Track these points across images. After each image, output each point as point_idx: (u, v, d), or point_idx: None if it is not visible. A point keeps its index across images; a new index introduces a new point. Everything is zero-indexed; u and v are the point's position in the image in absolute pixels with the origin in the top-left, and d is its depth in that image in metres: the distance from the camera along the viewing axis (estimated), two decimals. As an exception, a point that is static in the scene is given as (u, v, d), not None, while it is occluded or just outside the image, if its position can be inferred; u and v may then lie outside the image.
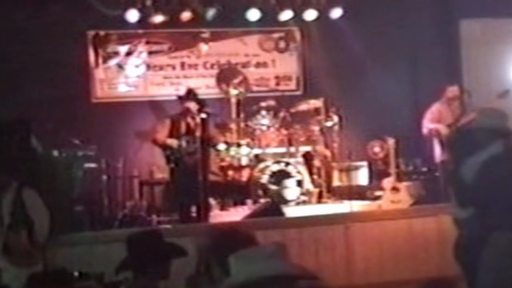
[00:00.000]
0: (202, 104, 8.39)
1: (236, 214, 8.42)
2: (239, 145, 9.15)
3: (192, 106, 8.32)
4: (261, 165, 9.02)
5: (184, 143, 8.22)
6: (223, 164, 9.23)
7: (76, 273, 4.09)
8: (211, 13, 9.90)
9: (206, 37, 10.54)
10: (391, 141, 9.00)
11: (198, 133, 8.12)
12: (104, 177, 8.81)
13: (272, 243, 2.83)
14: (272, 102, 9.47)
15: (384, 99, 10.07)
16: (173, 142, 8.27)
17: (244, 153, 9.16)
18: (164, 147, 8.40)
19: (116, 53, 10.32)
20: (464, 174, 4.67)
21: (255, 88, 10.32)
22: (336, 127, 9.49)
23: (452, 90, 8.91)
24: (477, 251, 4.61)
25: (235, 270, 2.72)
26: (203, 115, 8.21)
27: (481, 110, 5.39)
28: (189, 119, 8.31)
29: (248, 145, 9.21)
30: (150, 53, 10.43)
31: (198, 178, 7.95)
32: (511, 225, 4.56)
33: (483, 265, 4.60)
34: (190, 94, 8.57)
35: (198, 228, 7.21)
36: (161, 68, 10.48)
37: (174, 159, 8.27)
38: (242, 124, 9.35)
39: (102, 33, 10.24)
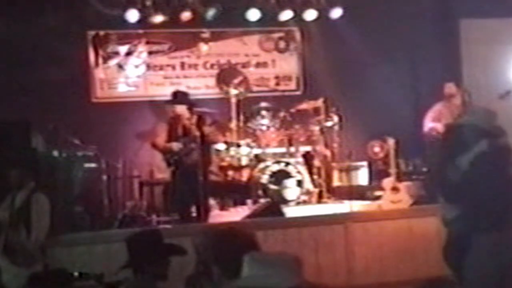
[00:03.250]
0: (192, 103, 8.31)
1: (236, 214, 8.42)
2: (239, 145, 9.15)
3: (179, 110, 8.21)
4: (261, 165, 9.02)
5: (181, 145, 8.18)
6: (223, 164, 9.23)
7: (76, 273, 4.09)
8: (211, 13, 9.90)
9: (206, 37, 10.54)
10: (391, 141, 9.00)
11: (194, 133, 8.05)
12: (104, 177, 8.80)
13: (289, 253, 2.81)
14: (271, 103, 9.49)
15: (384, 99, 10.07)
16: (172, 145, 8.22)
17: (244, 153, 9.16)
18: (164, 151, 8.37)
19: (116, 53, 10.32)
20: (452, 172, 4.69)
21: (255, 88, 10.32)
22: (336, 127, 9.49)
23: (449, 87, 8.93)
24: (462, 252, 4.64)
25: (247, 272, 2.70)
26: (195, 115, 8.15)
27: (471, 109, 5.41)
28: (185, 120, 8.25)
29: (248, 145, 9.21)
30: (150, 53, 10.43)
31: (198, 178, 7.92)
32: (495, 226, 4.57)
33: (467, 265, 4.63)
34: (177, 97, 8.40)
35: (198, 228, 7.21)
36: (161, 68, 10.48)
37: (174, 161, 8.22)
38: (242, 124, 9.35)
39: (102, 33, 10.24)
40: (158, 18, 9.73)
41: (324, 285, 2.92)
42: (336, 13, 10.19)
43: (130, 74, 10.38)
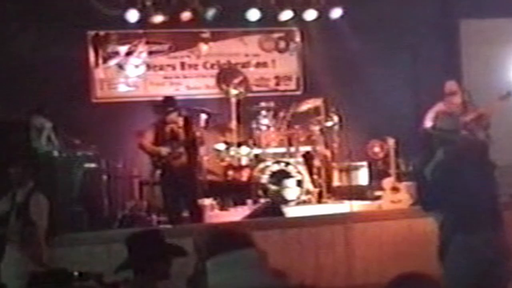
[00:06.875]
0: (179, 107, 8.22)
1: (236, 214, 8.42)
2: (239, 145, 9.14)
3: (172, 116, 8.11)
4: (261, 165, 9.01)
5: (169, 149, 8.09)
6: (223, 164, 9.23)
7: (76, 273, 4.09)
8: (211, 13, 9.91)
9: (206, 37, 10.55)
10: (391, 141, 9.00)
11: (182, 137, 8.03)
12: (104, 177, 8.80)
13: (254, 250, 2.78)
14: (272, 103, 9.49)
15: (384, 99, 10.07)
16: (160, 149, 8.09)
17: (244, 153, 9.16)
18: (151, 154, 8.25)
19: (116, 53, 10.33)
20: (424, 180, 4.79)
21: (255, 88, 10.33)
22: (336, 127, 9.49)
23: (450, 84, 8.93)
24: (445, 253, 4.74)
25: (212, 277, 2.68)
26: (182, 118, 8.11)
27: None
28: (172, 124, 8.14)
29: (248, 145, 9.20)
30: (150, 53, 10.44)
31: (186, 181, 7.95)
32: (467, 228, 4.64)
33: (445, 267, 4.71)
34: (167, 103, 8.25)
35: (199, 228, 7.20)
36: (161, 68, 10.48)
37: (161, 165, 8.14)
38: (242, 124, 9.35)
39: (102, 33, 10.25)
40: (158, 18, 9.73)
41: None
42: (336, 13, 10.20)
43: (130, 74, 10.39)
